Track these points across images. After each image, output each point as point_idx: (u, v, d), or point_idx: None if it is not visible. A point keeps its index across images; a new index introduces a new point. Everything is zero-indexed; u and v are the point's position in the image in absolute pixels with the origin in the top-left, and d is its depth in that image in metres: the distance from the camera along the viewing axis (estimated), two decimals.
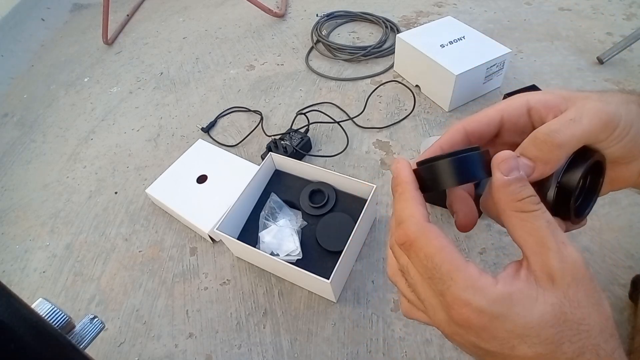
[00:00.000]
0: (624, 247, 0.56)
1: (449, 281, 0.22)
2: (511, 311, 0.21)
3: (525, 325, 0.21)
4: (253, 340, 0.55)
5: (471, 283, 0.21)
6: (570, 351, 0.21)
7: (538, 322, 0.21)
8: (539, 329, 0.21)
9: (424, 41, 0.80)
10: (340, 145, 0.77)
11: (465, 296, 0.21)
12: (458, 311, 0.22)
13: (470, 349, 0.23)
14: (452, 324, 0.23)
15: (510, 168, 0.23)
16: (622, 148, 0.26)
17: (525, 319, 0.21)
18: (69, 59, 1.20)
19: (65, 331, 0.28)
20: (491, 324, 0.21)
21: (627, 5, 1.00)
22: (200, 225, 0.64)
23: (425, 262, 0.22)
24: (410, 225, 0.23)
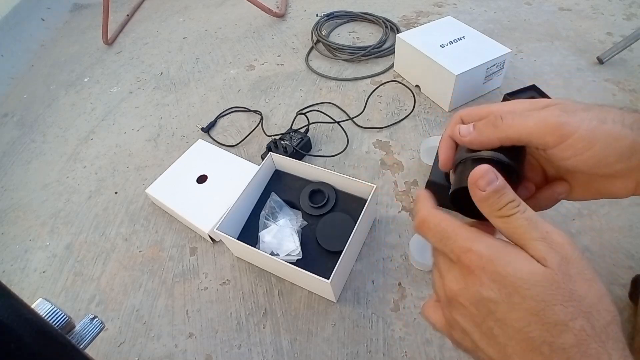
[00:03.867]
0: (624, 247, 0.56)
1: (454, 236, 0.26)
2: (506, 258, 0.24)
3: (515, 274, 0.23)
4: (253, 340, 0.55)
5: (473, 235, 0.25)
6: (563, 314, 0.22)
7: (528, 275, 0.23)
8: (529, 282, 0.23)
9: (424, 41, 0.80)
10: (340, 145, 0.77)
11: (468, 244, 0.25)
12: (464, 257, 0.25)
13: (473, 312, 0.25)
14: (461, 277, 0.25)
15: (487, 183, 0.25)
16: (586, 162, 0.27)
17: (517, 268, 0.23)
18: (69, 59, 1.20)
19: (65, 331, 0.28)
20: (489, 266, 0.24)
21: (627, 5, 1.00)
22: (200, 225, 0.64)
23: (436, 230, 0.27)
24: (421, 210, 0.28)
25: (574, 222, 0.60)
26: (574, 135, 0.26)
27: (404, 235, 0.62)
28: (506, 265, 0.24)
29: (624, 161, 0.26)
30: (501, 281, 0.23)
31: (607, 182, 0.29)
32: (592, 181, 0.30)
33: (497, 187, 0.25)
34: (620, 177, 0.28)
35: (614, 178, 0.28)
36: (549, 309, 0.22)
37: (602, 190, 0.30)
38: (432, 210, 0.28)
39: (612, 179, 0.28)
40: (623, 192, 0.29)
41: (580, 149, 0.26)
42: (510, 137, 0.28)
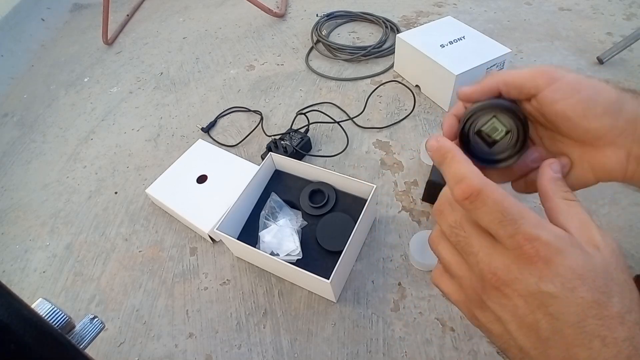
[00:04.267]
0: (624, 247, 0.56)
1: (520, 220, 0.23)
2: (573, 250, 0.23)
3: (584, 267, 0.23)
4: (253, 340, 0.55)
5: (540, 222, 0.24)
6: (620, 306, 0.22)
7: (593, 268, 0.23)
8: (594, 274, 0.23)
9: (424, 41, 0.80)
10: (340, 145, 0.77)
11: (537, 232, 0.23)
12: (528, 246, 0.23)
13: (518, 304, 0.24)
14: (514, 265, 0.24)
15: (559, 169, 0.28)
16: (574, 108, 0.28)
17: (584, 261, 0.23)
18: (69, 59, 1.20)
19: (65, 331, 0.28)
20: (556, 258, 0.23)
21: (627, 5, 1.00)
22: (200, 225, 0.64)
23: (495, 208, 0.24)
24: (473, 178, 0.25)
25: None
26: (562, 79, 0.28)
27: (404, 235, 0.62)
28: (574, 257, 0.23)
29: (611, 115, 0.28)
30: (567, 275, 0.22)
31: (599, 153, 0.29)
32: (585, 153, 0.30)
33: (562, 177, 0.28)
34: (611, 144, 0.29)
35: (605, 146, 0.29)
36: (610, 301, 0.22)
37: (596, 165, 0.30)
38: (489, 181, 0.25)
39: (603, 147, 0.29)
40: (616, 166, 0.29)
41: (569, 92, 0.28)
42: (506, 82, 0.29)
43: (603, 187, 0.63)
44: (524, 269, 0.23)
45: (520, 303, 0.24)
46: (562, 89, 0.28)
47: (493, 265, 0.24)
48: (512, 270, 0.24)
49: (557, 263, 0.23)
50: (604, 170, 0.30)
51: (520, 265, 0.23)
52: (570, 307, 0.22)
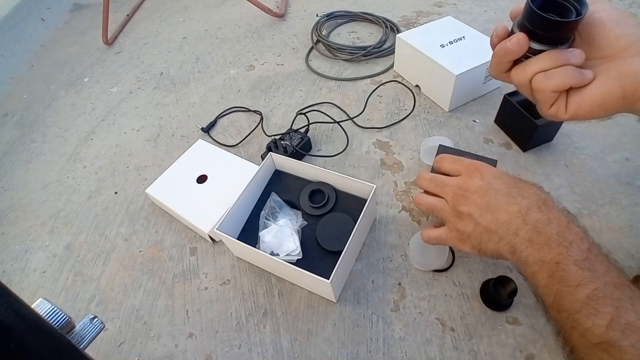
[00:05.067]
0: (624, 247, 0.56)
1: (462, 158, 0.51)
2: (494, 167, 0.49)
3: (499, 172, 0.48)
4: (253, 340, 0.55)
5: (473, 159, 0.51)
6: (523, 184, 0.45)
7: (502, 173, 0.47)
8: (506, 176, 0.46)
9: (424, 41, 0.80)
10: (340, 145, 0.77)
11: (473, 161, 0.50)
12: (471, 165, 0.48)
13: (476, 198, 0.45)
14: (468, 178, 0.47)
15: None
16: (609, 15, 0.34)
17: (499, 171, 0.48)
18: (69, 59, 1.20)
19: (65, 331, 0.28)
20: (485, 169, 0.47)
21: (627, 6, 1.00)
22: (200, 225, 0.64)
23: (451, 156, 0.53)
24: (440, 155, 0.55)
25: None
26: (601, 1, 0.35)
27: (404, 235, 0.62)
28: (495, 169, 0.47)
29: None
30: (493, 173, 0.46)
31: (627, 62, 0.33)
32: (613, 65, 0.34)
33: None
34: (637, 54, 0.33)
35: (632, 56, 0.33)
36: (519, 182, 0.44)
37: (623, 70, 0.34)
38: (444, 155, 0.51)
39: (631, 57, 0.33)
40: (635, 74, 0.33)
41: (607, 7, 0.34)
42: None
43: (603, 187, 0.63)
44: (474, 177, 0.46)
45: (477, 196, 0.44)
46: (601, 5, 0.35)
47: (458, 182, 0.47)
48: (467, 181, 0.46)
49: (487, 171, 0.46)
50: (632, 75, 0.33)
51: (471, 176, 0.46)
52: (500, 185, 0.43)
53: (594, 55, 0.35)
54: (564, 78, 0.35)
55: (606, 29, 0.33)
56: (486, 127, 0.75)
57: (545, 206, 0.40)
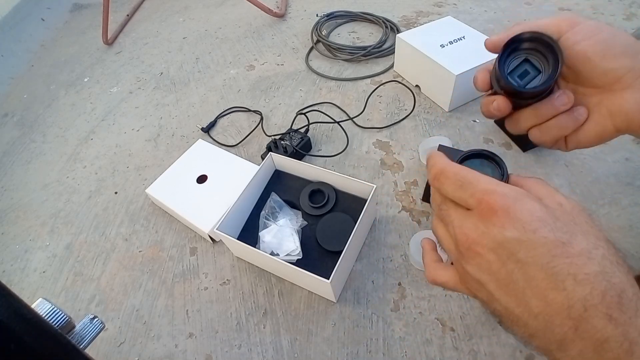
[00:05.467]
0: (624, 247, 0.56)
1: (475, 182, 0.27)
2: (530, 199, 0.25)
3: (542, 210, 0.24)
4: (253, 340, 0.55)
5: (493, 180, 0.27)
6: (585, 243, 0.23)
7: (553, 213, 0.24)
8: (554, 218, 0.24)
9: (424, 41, 0.80)
10: (340, 145, 0.77)
11: (491, 186, 0.26)
12: (487, 198, 0.25)
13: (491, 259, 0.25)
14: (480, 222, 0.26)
15: None
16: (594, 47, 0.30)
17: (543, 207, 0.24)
18: (69, 59, 1.20)
19: (65, 331, 0.28)
20: (514, 204, 0.24)
21: (627, 5, 1.00)
22: (200, 225, 0.64)
23: (455, 178, 0.28)
24: (437, 163, 0.29)
25: None
26: (582, 24, 0.31)
27: (404, 235, 0.62)
28: (533, 203, 0.24)
29: (629, 56, 0.29)
30: (526, 218, 0.24)
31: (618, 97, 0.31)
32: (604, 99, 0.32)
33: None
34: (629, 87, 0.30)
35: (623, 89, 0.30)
36: (574, 239, 0.23)
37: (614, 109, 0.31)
38: (450, 161, 0.29)
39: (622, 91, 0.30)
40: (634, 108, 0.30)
41: (589, 33, 0.30)
42: (531, 27, 0.32)
43: (603, 187, 0.63)
44: (488, 221, 0.25)
45: (492, 257, 0.25)
46: (582, 31, 0.30)
47: (465, 227, 0.26)
48: (479, 227, 0.25)
49: (516, 209, 0.24)
50: (622, 114, 0.31)
51: (485, 219, 0.25)
52: (536, 249, 0.23)
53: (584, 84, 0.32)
54: (559, 131, 0.33)
55: (592, 64, 0.30)
56: (486, 127, 0.75)
57: (620, 307, 0.21)
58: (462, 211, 0.27)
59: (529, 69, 0.32)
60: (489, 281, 0.25)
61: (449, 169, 0.28)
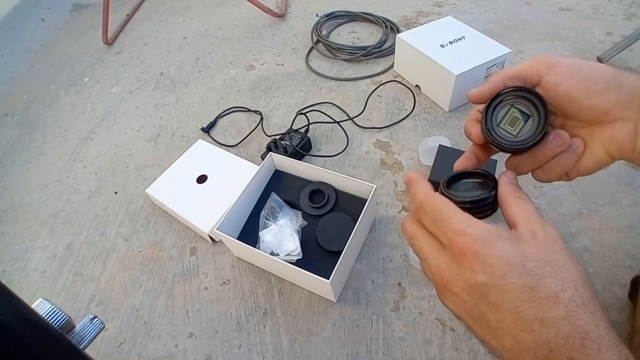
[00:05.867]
0: (624, 247, 0.56)
1: (448, 219, 0.27)
2: (500, 241, 0.25)
3: (511, 253, 0.25)
4: (253, 340, 0.55)
5: (466, 219, 0.27)
6: (554, 285, 0.24)
7: (523, 254, 0.25)
8: (523, 259, 0.24)
9: (424, 41, 0.80)
10: (340, 145, 0.77)
11: (462, 227, 0.26)
12: (457, 240, 0.26)
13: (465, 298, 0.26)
14: (452, 263, 0.26)
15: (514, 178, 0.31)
16: (576, 87, 0.29)
17: (512, 249, 0.25)
18: (69, 59, 1.20)
19: (65, 331, 0.28)
20: (484, 249, 0.25)
21: (627, 5, 1.00)
22: (200, 225, 0.64)
23: (431, 212, 0.28)
24: (419, 192, 0.30)
25: (573, 222, 0.60)
26: (560, 63, 0.30)
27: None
28: (502, 246, 0.25)
29: (612, 90, 0.29)
30: (495, 263, 0.24)
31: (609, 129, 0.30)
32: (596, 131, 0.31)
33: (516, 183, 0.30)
34: (618, 118, 0.30)
35: (613, 121, 0.30)
36: (542, 282, 0.24)
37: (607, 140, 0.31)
38: (429, 192, 0.30)
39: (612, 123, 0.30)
40: (626, 139, 0.30)
41: (569, 73, 0.29)
42: (510, 75, 0.31)
43: (603, 187, 0.63)
44: (460, 264, 0.26)
45: (466, 297, 0.26)
46: (562, 72, 0.30)
47: (439, 266, 0.27)
48: (452, 268, 0.26)
49: (485, 253, 0.25)
50: (615, 144, 0.31)
51: (457, 261, 0.26)
52: (505, 294, 0.24)
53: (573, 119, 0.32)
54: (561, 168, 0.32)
55: (577, 102, 0.30)
56: None
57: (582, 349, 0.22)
58: (435, 247, 0.28)
59: (518, 114, 0.31)
60: (466, 317, 0.27)
61: (426, 203, 0.29)
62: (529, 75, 0.31)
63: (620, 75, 0.29)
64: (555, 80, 0.30)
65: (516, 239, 0.26)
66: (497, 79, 0.32)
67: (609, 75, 0.29)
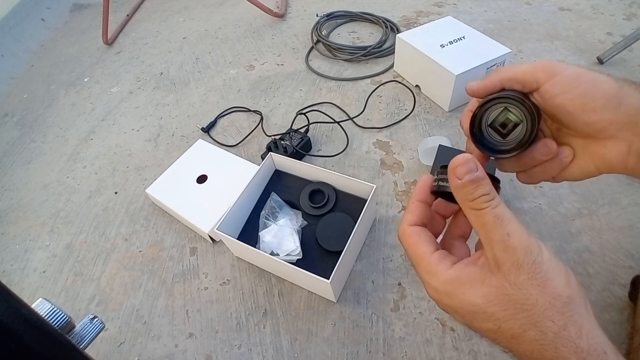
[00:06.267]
0: (624, 247, 0.56)
1: (417, 267, 0.29)
2: (458, 291, 0.26)
3: (470, 303, 0.25)
4: (253, 340, 0.55)
5: (429, 269, 0.28)
6: (517, 326, 0.24)
7: (482, 300, 0.25)
8: (484, 306, 0.25)
9: (424, 41, 0.80)
10: (340, 145, 0.77)
11: (426, 278, 0.28)
12: (426, 288, 0.29)
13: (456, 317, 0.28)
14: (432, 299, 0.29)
15: (465, 171, 0.26)
16: (573, 102, 0.28)
17: (470, 298, 0.25)
18: (69, 59, 1.20)
19: (65, 331, 0.28)
20: (446, 300, 0.27)
21: (627, 5, 1.00)
22: (200, 225, 0.64)
23: (407, 252, 0.30)
24: (399, 228, 0.31)
25: (573, 222, 0.60)
26: (562, 73, 0.28)
27: None
28: (462, 296, 0.26)
29: (610, 109, 0.28)
30: (460, 311, 0.26)
31: (600, 146, 0.30)
32: (587, 145, 0.31)
33: (474, 178, 0.25)
34: (611, 137, 0.29)
35: (606, 139, 0.29)
36: (505, 325, 0.24)
37: (597, 157, 0.30)
38: (406, 229, 0.30)
39: (604, 140, 0.29)
40: (617, 158, 0.29)
41: (567, 86, 0.28)
42: (509, 77, 0.30)
43: (603, 187, 0.63)
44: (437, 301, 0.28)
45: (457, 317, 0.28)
46: (561, 83, 0.28)
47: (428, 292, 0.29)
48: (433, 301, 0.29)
49: (449, 304, 0.27)
50: (605, 162, 0.30)
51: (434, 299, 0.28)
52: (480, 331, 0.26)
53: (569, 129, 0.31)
54: (545, 175, 0.32)
55: (572, 116, 0.29)
56: None
57: None
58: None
59: (511, 117, 0.30)
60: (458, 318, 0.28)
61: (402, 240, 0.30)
62: (527, 80, 0.30)
63: (622, 92, 0.28)
64: (553, 91, 0.29)
65: (479, 278, 0.25)
66: (495, 78, 0.31)
67: (609, 92, 0.28)
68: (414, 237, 0.29)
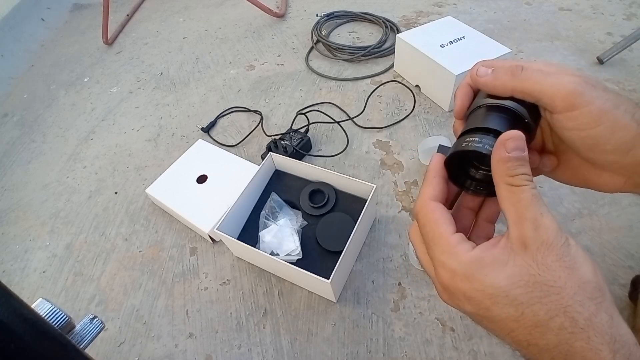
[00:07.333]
0: (624, 247, 0.56)
1: (433, 246, 0.26)
2: (480, 272, 0.23)
3: (492, 285, 0.23)
4: (253, 340, 0.55)
5: (448, 248, 0.25)
6: (542, 312, 0.22)
7: (506, 282, 0.22)
8: (507, 288, 0.22)
9: (424, 41, 0.80)
10: (340, 145, 0.77)
11: (442, 258, 0.25)
12: (438, 272, 0.25)
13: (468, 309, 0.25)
14: (443, 290, 0.26)
15: (515, 147, 0.24)
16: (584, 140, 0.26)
17: (493, 279, 0.23)
18: (69, 59, 1.20)
19: (65, 331, 0.28)
20: (463, 284, 0.24)
21: (627, 5, 1.00)
22: (200, 225, 0.64)
23: (423, 230, 0.27)
24: (418, 201, 0.28)
25: (573, 222, 0.60)
26: (584, 108, 0.25)
27: (404, 235, 0.62)
28: (483, 278, 0.23)
29: (619, 154, 0.26)
30: (477, 297, 0.23)
31: (596, 173, 0.29)
32: (581, 167, 0.29)
33: (521, 156, 0.24)
34: (610, 171, 0.28)
35: (604, 170, 0.28)
36: (528, 310, 0.22)
37: (588, 180, 0.29)
38: (426, 204, 0.27)
39: (602, 170, 0.28)
40: (610, 187, 0.28)
41: (584, 124, 0.26)
42: (524, 90, 0.27)
43: None
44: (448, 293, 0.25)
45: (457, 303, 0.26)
46: (578, 120, 0.26)
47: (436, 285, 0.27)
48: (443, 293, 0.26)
49: (465, 289, 0.24)
50: (595, 185, 0.29)
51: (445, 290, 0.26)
52: (496, 323, 0.24)
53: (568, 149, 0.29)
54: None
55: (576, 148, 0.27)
56: None
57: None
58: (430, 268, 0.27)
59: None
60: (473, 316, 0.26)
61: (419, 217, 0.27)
62: (542, 100, 0.26)
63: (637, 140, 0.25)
64: (566, 125, 0.26)
65: (503, 259, 0.23)
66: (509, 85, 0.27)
67: (624, 138, 0.25)
68: (436, 213, 0.26)
